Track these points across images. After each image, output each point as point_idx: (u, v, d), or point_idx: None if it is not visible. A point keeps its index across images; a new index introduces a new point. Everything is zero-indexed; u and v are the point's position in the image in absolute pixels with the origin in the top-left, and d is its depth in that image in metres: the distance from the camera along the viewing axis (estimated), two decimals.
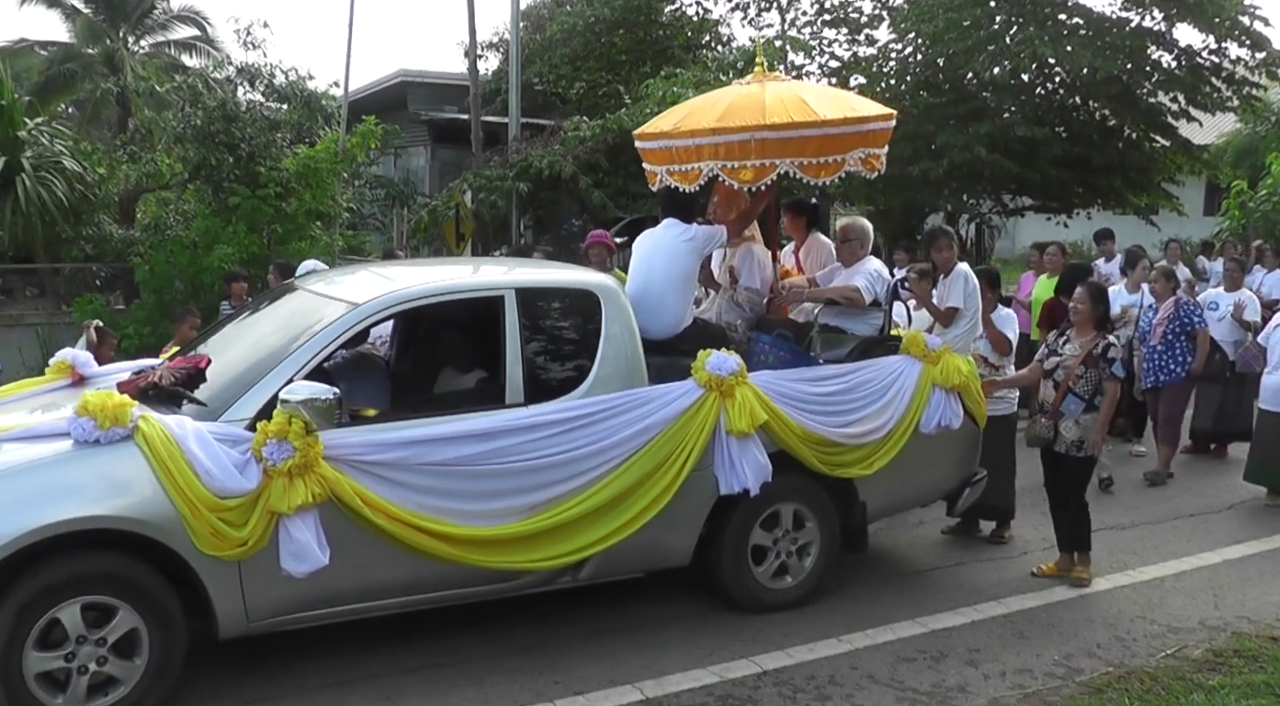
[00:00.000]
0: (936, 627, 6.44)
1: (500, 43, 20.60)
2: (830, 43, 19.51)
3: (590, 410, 5.77)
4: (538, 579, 5.85)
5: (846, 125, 6.69)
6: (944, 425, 6.80)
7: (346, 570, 5.25)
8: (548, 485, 5.63)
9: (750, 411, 5.99)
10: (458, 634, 6.11)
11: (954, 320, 7.25)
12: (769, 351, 6.70)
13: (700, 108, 7.07)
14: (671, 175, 6.92)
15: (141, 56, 26.59)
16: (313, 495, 5.04)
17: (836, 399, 6.46)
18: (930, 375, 6.79)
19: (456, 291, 6.04)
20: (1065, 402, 7.11)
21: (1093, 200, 19.09)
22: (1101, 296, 7.34)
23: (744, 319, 7.36)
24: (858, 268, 7.31)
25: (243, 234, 14.75)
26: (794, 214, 8.07)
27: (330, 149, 15.54)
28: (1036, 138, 16.79)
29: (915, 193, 17.49)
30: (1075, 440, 7.10)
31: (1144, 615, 6.71)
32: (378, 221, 20.19)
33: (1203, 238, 18.73)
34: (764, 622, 6.38)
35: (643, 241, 6.98)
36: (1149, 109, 18.38)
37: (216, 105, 15.31)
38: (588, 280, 6.36)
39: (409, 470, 5.35)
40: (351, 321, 5.60)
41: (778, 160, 6.59)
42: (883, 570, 7.43)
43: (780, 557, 6.53)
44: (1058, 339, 7.43)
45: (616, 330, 6.08)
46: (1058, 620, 6.61)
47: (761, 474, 6.05)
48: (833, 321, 7.17)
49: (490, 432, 5.54)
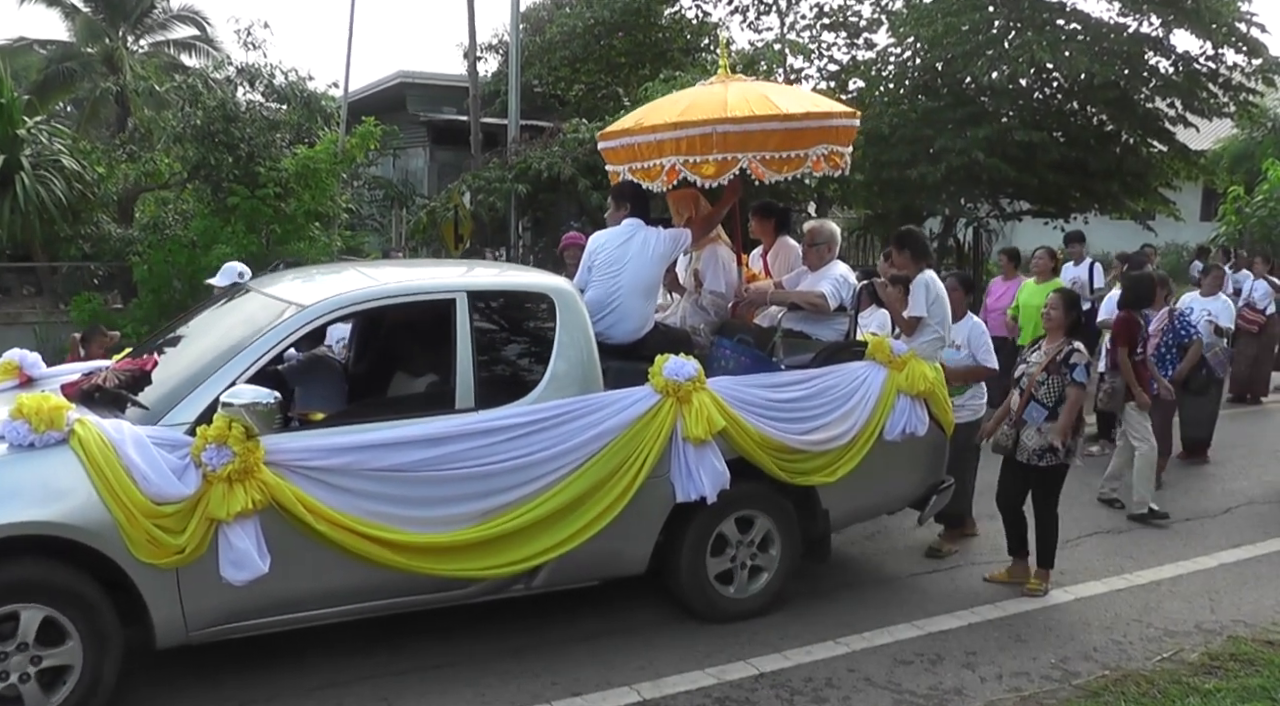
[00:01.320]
0: (933, 630, 6.43)
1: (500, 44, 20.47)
2: (829, 46, 19.38)
3: (543, 415, 5.61)
4: (489, 586, 5.70)
5: (809, 120, 6.59)
6: (909, 432, 6.63)
7: (289, 578, 5.11)
8: (498, 491, 5.48)
9: (707, 417, 5.84)
10: (455, 635, 6.09)
11: (918, 328, 6.98)
12: (730, 356, 6.55)
13: (663, 105, 6.98)
14: (634, 173, 6.83)
15: (141, 56, 26.46)
16: (253, 501, 4.88)
17: (798, 405, 6.29)
18: (895, 381, 6.61)
19: (406, 294, 5.89)
20: (1028, 410, 6.95)
21: (1090, 205, 18.76)
22: (1075, 303, 7.18)
23: (709, 323, 7.21)
24: (824, 272, 7.15)
25: (241, 234, 14.64)
26: (762, 217, 7.88)
27: (329, 149, 15.42)
28: (1034, 142, 16.42)
29: (913, 196, 17.12)
30: (1037, 448, 6.92)
31: (1140, 618, 6.69)
32: (376, 222, 20.05)
33: (1199, 243, 18.48)
34: (760, 625, 6.37)
35: (605, 243, 6.79)
36: (1146, 114, 18.06)
37: (216, 105, 15.23)
38: (542, 283, 6.19)
39: (354, 476, 5.19)
40: (297, 324, 5.43)
41: (739, 154, 6.47)
42: (879, 573, 7.42)
43: (740, 566, 6.37)
44: (1031, 349, 7.29)
45: (571, 334, 5.92)
46: (1054, 623, 6.59)
47: (719, 481, 5.89)
48: (797, 326, 7.03)
49: (438, 438, 5.38)
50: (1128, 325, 8.74)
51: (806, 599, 6.84)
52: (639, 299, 6.58)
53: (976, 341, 7.68)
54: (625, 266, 6.58)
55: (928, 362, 6.86)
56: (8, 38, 26.77)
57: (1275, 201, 17.57)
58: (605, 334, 6.40)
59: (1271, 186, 17.68)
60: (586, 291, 6.62)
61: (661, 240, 6.67)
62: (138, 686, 5.36)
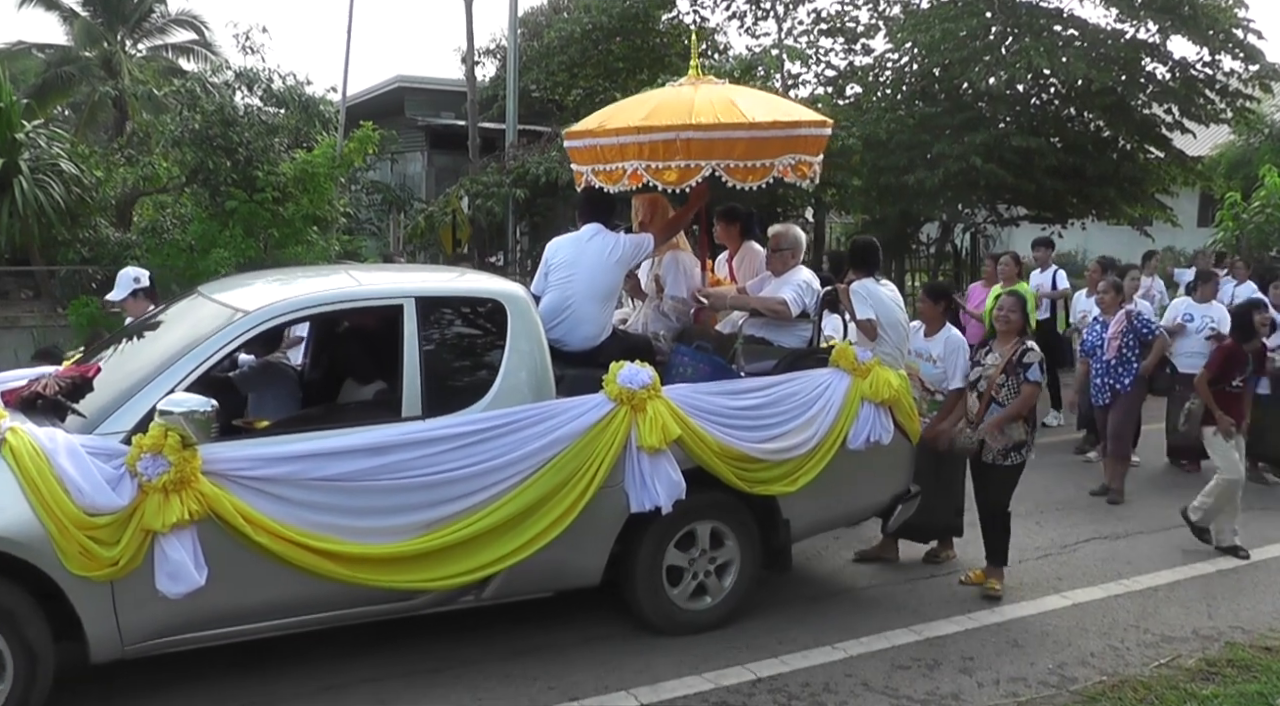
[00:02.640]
0: (931, 635, 6.37)
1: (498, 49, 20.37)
2: (827, 52, 19.15)
3: (491, 424, 5.43)
4: (437, 598, 5.51)
5: (776, 129, 6.38)
6: (873, 441, 6.43)
7: (229, 590, 4.93)
8: (445, 501, 5.30)
9: (662, 426, 5.66)
10: (453, 638, 6.01)
11: (876, 332, 6.76)
12: (688, 364, 6.34)
13: (628, 107, 6.79)
14: (597, 175, 6.65)
15: (139, 60, 26.28)
16: (190, 512, 4.70)
17: (757, 413, 6.10)
18: (859, 389, 6.41)
19: (352, 299, 5.74)
20: (989, 412, 6.91)
21: (1087, 210, 18.72)
22: (1021, 306, 7.14)
23: (671, 329, 7.02)
24: (787, 278, 6.94)
25: (239, 238, 14.56)
26: (727, 222, 7.61)
27: (327, 154, 15.29)
28: (1031, 148, 16.36)
29: (911, 201, 17.00)
30: (1001, 449, 6.89)
31: (1138, 624, 6.63)
32: (374, 227, 19.90)
33: (1196, 249, 18.28)
34: (758, 630, 6.30)
35: (562, 248, 6.64)
36: (1143, 120, 17.95)
37: (214, 109, 15.11)
38: (493, 289, 5.99)
39: (295, 485, 5.00)
40: (239, 330, 5.24)
41: (703, 162, 6.28)
42: (877, 579, 7.32)
43: (697, 577, 6.18)
44: (981, 350, 7.20)
45: (523, 341, 5.74)
46: (1051, 628, 6.52)
47: (674, 491, 5.70)
48: (759, 333, 6.83)
49: (383, 447, 5.21)
50: (1226, 355, 8.25)
51: (804, 604, 6.78)
52: (595, 305, 6.40)
53: (950, 357, 7.33)
54: (581, 272, 6.42)
55: (892, 370, 6.66)
56: (6, 41, 26.71)
57: (1272, 208, 17.38)
58: (561, 340, 6.26)
59: (1268, 193, 17.48)
60: (543, 297, 6.47)
61: (622, 246, 6.51)
62: (136, 689, 5.31)
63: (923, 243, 19.30)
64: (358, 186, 19.28)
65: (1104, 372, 9.44)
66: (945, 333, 7.39)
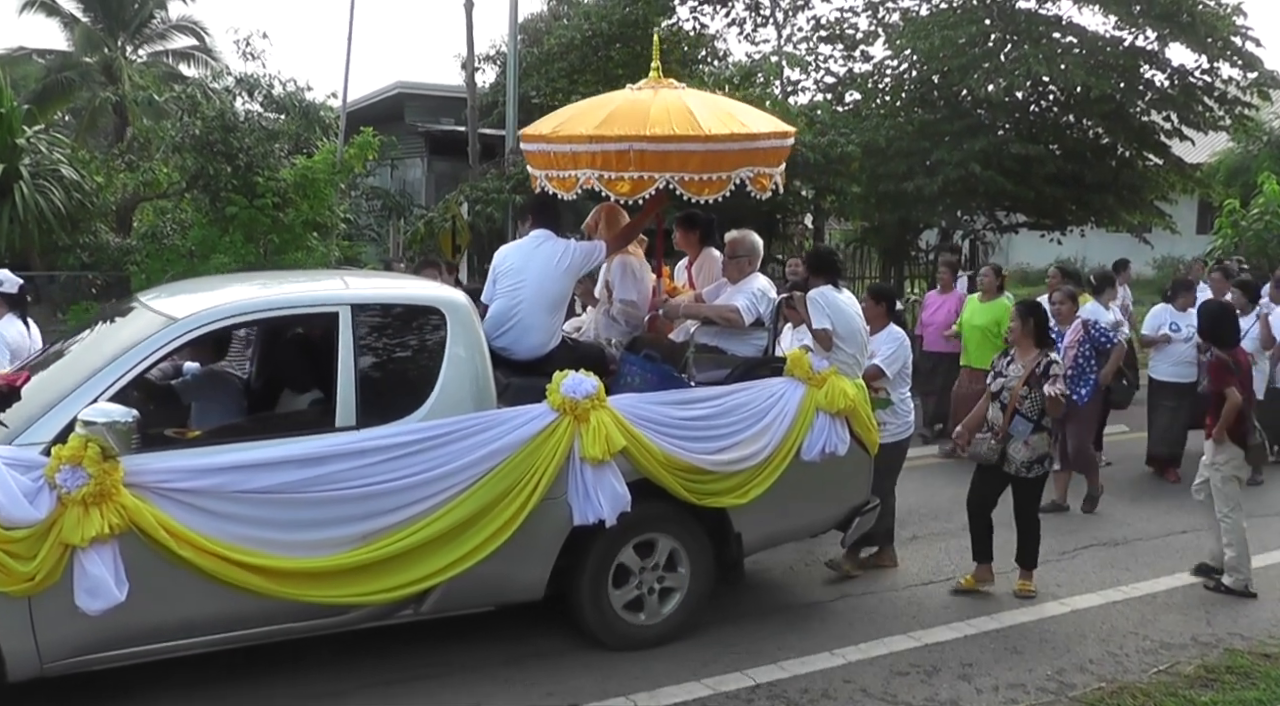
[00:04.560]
0: (930, 641, 6.38)
1: (498, 56, 20.37)
2: (826, 59, 19.02)
3: (427, 434, 5.32)
4: (372, 613, 5.40)
5: (732, 141, 6.26)
6: (829, 452, 6.30)
7: (152, 606, 4.83)
8: (379, 514, 5.19)
9: (606, 437, 5.52)
10: (453, 643, 6.01)
11: (832, 342, 6.60)
12: (636, 373, 6.23)
13: (583, 112, 6.65)
14: (551, 181, 6.53)
15: (139, 65, 26.24)
16: (110, 526, 4.58)
17: (707, 423, 5.99)
18: (814, 399, 6.27)
19: (286, 307, 5.64)
20: (1013, 424, 6.88)
21: (1086, 217, 18.63)
22: (1031, 311, 7.06)
23: (624, 335, 6.93)
24: (742, 285, 6.81)
25: (240, 244, 14.65)
26: (686, 228, 7.46)
27: (328, 160, 15.37)
28: (1030, 155, 16.38)
29: (910, 208, 16.99)
30: (1025, 461, 6.91)
31: (1136, 631, 6.65)
32: (374, 233, 19.84)
33: (1195, 256, 18.51)
34: (757, 635, 6.31)
35: (510, 255, 6.50)
36: (1142, 127, 17.93)
37: (215, 115, 15.17)
38: (432, 296, 5.88)
39: (222, 498, 4.90)
40: (167, 338, 5.16)
41: (657, 174, 6.15)
42: (876, 585, 7.31)
43: (645, 591, 6.04)
44: (1003, 360, 7.16)
45: (463, 349, 5.63)
46: (1050, 635, 6.55)
47: (619, 504, 5.57)
48: (712, 341, 6.71)
49: (314, 458, 5.11)
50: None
51: (803, 610, 6.80)
52: (543, 313, 6.29)
53: (880, 348, 7.28)
54: (529, 279, 6.30)
55: (849, 379, 6.52)
56: (7, 47, 26.69)
57: (1271, 215, 17.46)
58: (508, 349, 6.16)
59: (1267, 200, 17.63)
60: (491, 305, 6.35)
61: (571, 253, 6.40)
62: (133, 694, 5.33)
63: (922, 249, 19.29)
64: (358, 192, 19.26)
65: None
66: (887, 330, 7.39)
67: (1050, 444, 7.02)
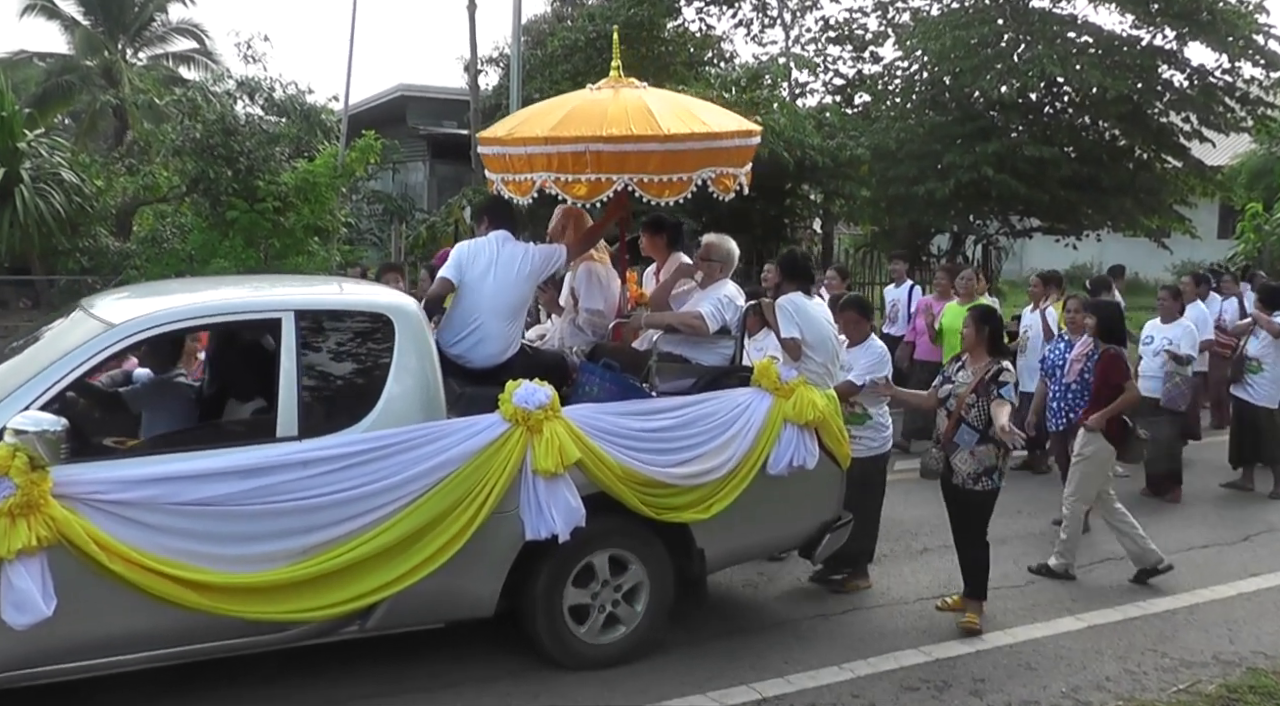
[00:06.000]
0: (941, 656, 6.26)
1: (501, 58, 20.34)
2: (835, 60, 19.10)
3: (372, 445, 5.18)
4: (313, 629, 5.26)
5: (693, 141, 6.13)
6: (797, 465, 6.12)
7: (82, 622, 4.70)
8: (321, 527, 5.04)
9: (559, 449, 5.36)
10: (451, 656, 5.93)
11: (800, 351, 6.44)
12: (595, 383, 6.05)
13: (539, 114, 6.53)
14: (507, 185, 6.44)
15: (140, 69, 26.40)
16: (38, 538, 4.45)
17: (667, 435, 5.81)
18: (781, 410, 6.08)
19: (226, 313, 5.54)
20: (958, 433, 6.60)
21: (1102, 222, 18.38)
22: (987, 318, 6.81)
23: (589, 344, 6.79)
24: (709, 292, 6.64)
25: (240, 248, 14.83)
26: (652, 233, 7.26)
27: (329, 163, 15.52)
28: (1045, 157, 16.27)
29: (921, 213, 16.99)
30: (971, 472, 6.59)
31: (1155, 648, 6.50)
32: (375, 237, 19.95)
33: (1214, 262, 18.39)
34: (763, 648, 6.21)
35: (480, 252, 6.32)
36: (1160, 129, 17.75)
37: (215, 118, 15.39)
38: (379, 302, 5.73)
39: (156, 510, 4.77)
40: (102, 344, 5.03)
41: (615, 176, 6.05)
42: (886, 598, 7.20)
43: (602, 609, 5.88)
44: (953, 365, 6.91)
45: (411, 358, 5.49)
46: (1065, 651, 6.40)
47: (573, 518, 5.41)
48: (676, 349, 6.52)
49: (253, 469, 4.96)
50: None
51: (811, 623, 6.68)
52: (501, 321, 6.16)
53: (857, 361, 7.13)
54: (489, 284, 6.17)
55: (818, 389, 6.34)
56: (7, 50, 26.75)
57: None
58: (464, 357, 6.04)
59: None
60: (450, 304, 6.23)
61: (531, 257, 6.28)
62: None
63: (934, 255, 19.11)
64: (359, 196, 19.45)
65: (1061, 396, 8.87)
66: (868, 343, 7.22)
67: (999, 456, 6.65)
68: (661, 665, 5.92)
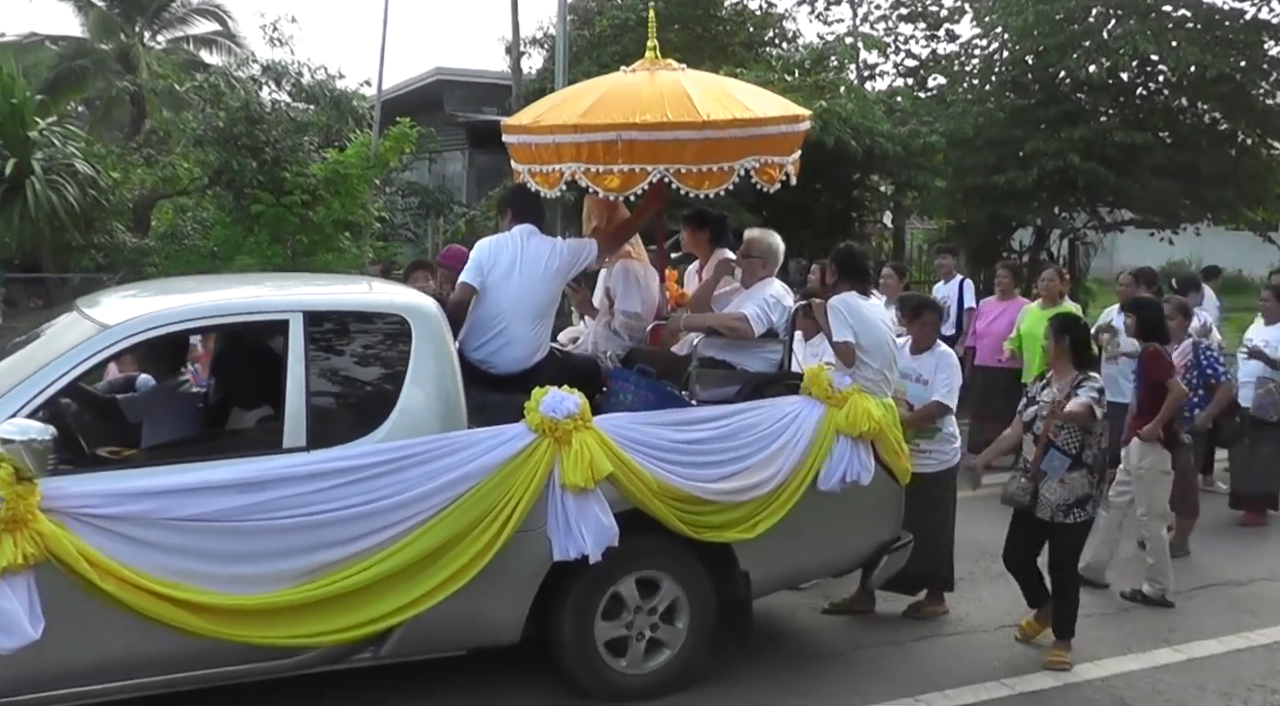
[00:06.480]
0: (1025, 690, 6.21)
1: (545, 39, 20.28)
2: (907, 39, 18.95)
3: (386, 457, 5.18)
4: (324, 655, 5.27)
5: (735, 128, 6.09)
6: (850, 481, 6.09)
7: (72, 645, 4.72)
8: (331, 544, 5.05)
9: (590, 461, 5.33)
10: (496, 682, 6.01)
11: (854, 356, 6.36)
12: (629, 390, 6.04)
13: (568, 99, 6.52)
14: (534, 176, 6.42)
15: (158, 53, 26.48)
16: (25, 555, 4.45)
17: (708, 447, 5.80)
18: (834, 420, 6.05)
19: (230, 314, 5.58)
20: (1046, 459, 6.50)
21: (1201, 214, 18.06)
22: (1067, 327, 6.72)
23: (625, 349, 6.77)
24: (753, 291, 6.62)
25: (265, 244, 14.86)
26: (694, 227, 7.21)
27: (361, 153, 15.55)
28: (1137, 144, 16.01)
29: (1000, 205, 16.75)
30: (1061, 503, 6.48)
31: (1264, 683, 6.40)
32: (410, 232, 20.00)
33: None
34: (827, 678, 6.23)
35: (503, 250, 6.31)
36: (1265, 111, 17.35)
37: (239, 106, 15.50)
38: (396, 303, 5.75)
39: (152, 526, 4.77)
40: (96, 347, 5.06)
41: (649, 166, 6.00)
42: (963, 624, 7.19)
43: (637, 637, 5.86)
44: (1038, 383, 6.82)
45: (429, 362, 5.49)
46: (1164, 686, 6.33)
47: (604, 537, 5.38)
48: (718, 354, 6.52)
49: (259, 482, 4.98)
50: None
51: (881, 651, 6.67)
52: (528, 323, 6.14)
53: (938, 376, 7.08)
54: (513, 284, 6.15)
55: (875, 398, 6.27)
56: (18, 33, 26.79)
57: None
58: (488, 362, 6.04)
59: None
60: (472, 305, 6.23)
61: (559, 253, 6.26)
62: None
63: (1015, 251, 18.83)
64: (393, 189, 19.46)
65: None
66: (935, 349, 7.17)
67: (1094, 483, 6.53)
68: (709, 696, 5.90)
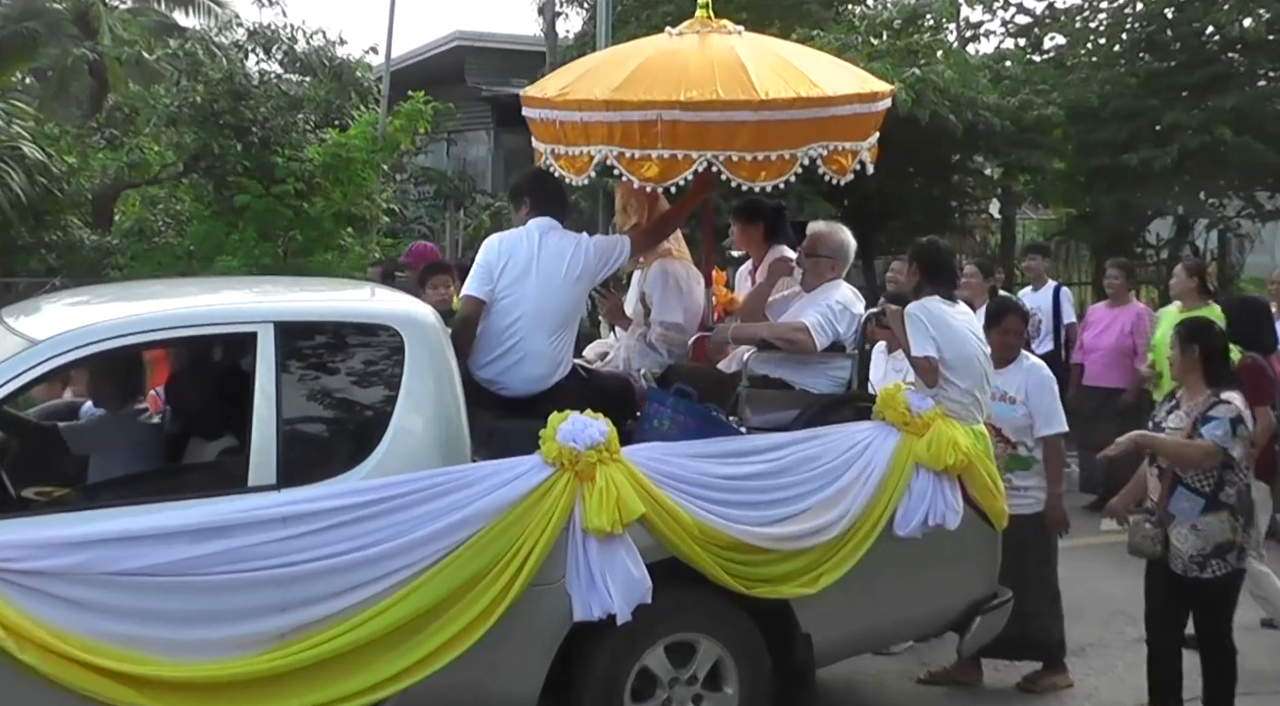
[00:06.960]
0: None
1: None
2: None
3: (374, 496, 5.14)
4: None
5: (798, 107, 6.00)
6: (933, 524, 6.03)
7: None
8: (307, 602, 5.01)
9: (618, 500, 5.27)
10: None
11: (938, 374, 6.27)
12: (665, 415, 5.99)
13: (600, 67, 6.46)
14: (558, 159, 6.39)
15: (123, 14, 26.23)
16: None
17: (761, 484, 5.77)
18: (911, 451, 6.00)
19: (185, 325, 5.51)
20: (1174, 499, 6.27)
21: None
22: (1195, 335, 6.50)
23: (662, 366, 6.72)
24: (817, 296, 6.57)
25: (252, 242, 14.92)
26: (745, 221, 7.24)
27: (367, 134, 15.65)
28: None
29: (1132, 190, 16.48)
30: (1196, 553, 6.22)
31: None
32: (425, 227, 20.11)
33: None
34: None
35: (516, 250, 6.27)
36: None
37: (221, 78, 15.52)
38: (386, 312, 5.76)
39: (86, 582, 4.74)
40: (20, 367, 5.00)
41: (695, 153, 5.92)
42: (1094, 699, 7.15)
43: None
44: (1164, 407, 6.63)
45: (426, 383, 5.46)
46: None
47: (636, 592, 5.34)
48: (773, 372, 6.48)
49: (217, 528, 4.93)
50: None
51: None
52: (545, 335, 6.11)
53: (1036, 391, 7.05)
54: (528, 289, 6.13)
55: (962, 424, 6.19)
56: None
57: None
58: (499, 382, 6.08)
59: None
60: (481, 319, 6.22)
61: (584, 252, 6.25)
62: None
63: (1151, 245, 18.80)
64: (405, 175, 19.68)
65: None
66: (1021, 362, 7.17)
67: (1236, 528, 6.29)
68: None
